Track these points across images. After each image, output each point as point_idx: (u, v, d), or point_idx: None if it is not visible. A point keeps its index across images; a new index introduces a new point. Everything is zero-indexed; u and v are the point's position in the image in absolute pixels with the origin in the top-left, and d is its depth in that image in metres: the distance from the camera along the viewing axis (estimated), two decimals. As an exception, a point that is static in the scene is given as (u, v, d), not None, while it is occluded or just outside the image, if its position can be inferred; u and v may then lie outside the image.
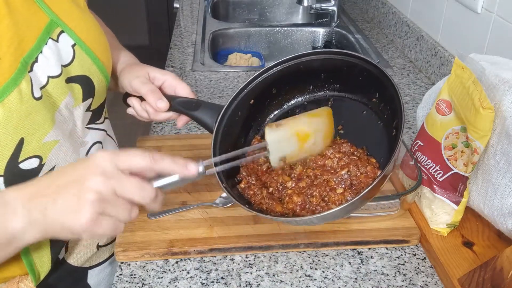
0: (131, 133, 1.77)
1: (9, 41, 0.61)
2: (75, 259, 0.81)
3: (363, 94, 0.77)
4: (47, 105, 0.65)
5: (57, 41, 0.68)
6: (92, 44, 0.73)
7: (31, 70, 0.63)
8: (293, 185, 0.72)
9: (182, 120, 0.82)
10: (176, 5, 2.01)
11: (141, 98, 0.80)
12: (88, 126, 0.76)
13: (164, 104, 0.76)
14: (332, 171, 0.72)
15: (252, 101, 0.79)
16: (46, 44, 0.66)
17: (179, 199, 0.87)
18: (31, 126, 0.61)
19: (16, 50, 0.62)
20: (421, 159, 0.84)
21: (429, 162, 0.82)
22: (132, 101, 0.81)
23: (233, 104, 0.78)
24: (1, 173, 0.59)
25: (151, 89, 0.77)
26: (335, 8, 1.81)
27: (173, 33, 1.76)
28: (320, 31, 1.84)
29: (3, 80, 0.59)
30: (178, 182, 0.59)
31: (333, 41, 1.82)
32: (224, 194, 0.87)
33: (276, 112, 0.82)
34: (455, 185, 0.78)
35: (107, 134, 0.84)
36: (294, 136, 0.72)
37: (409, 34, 1.55)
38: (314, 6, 1.80)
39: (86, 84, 0.72)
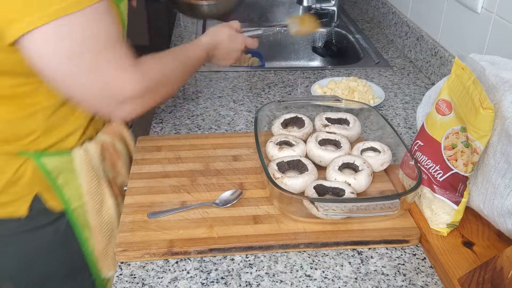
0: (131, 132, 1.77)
1: None
2: None
3: None
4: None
5: None
6: None
7: None
8: None
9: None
10: None
11: None
12: None
13: None
14: None
15: None
16: None
17: (179, 199, 0.87)
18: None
19: None
20: (421, 159, 0.84)
21: (429, 162, 0.82)
22: None
23: None
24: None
25: None
26: (335, 8, 1.82)
27: (173, 33, 1.76)
28: (320, 31, 1.84)
29: None
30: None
31: (333, 41, 1.82)
32: (224, 194, 0.87)
33: None
34: (455, 185, 0.78)
35: None
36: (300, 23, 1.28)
37: (409, 34, 1.55)
38: (314, 6, 1.80)
39: None
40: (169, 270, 0.75)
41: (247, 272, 0.75)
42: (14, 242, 0.90)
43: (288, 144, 0.98)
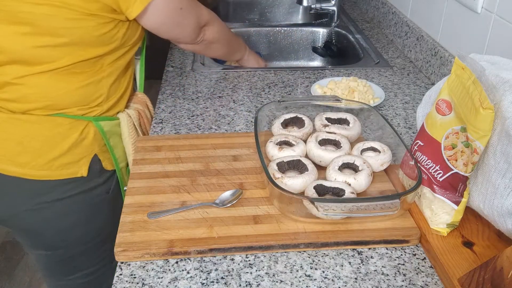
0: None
1: None
2: None
3: None
4: None
5: None
6: None
7: None
8: None
9: None
10: None
11: None
12: None
13: None
14: None
15: None
16: None
17: (179, 199, 0.87)
18: None
19: None
20: (421, 159, 0.84)
21: (429, 162, 0.82)
22: None
23: None
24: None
25: None
26: (335, 8, 1.81)
27: (173, 33, 1.75)
28: (320, 31, 1.84)
29: None
30: None
31: (333, 41, 1.82)
32: (224, 194, 0.87)
33: None
34: (455, 185, 0.78)
35: None
36: None
37: (409, 34, 1.55)
38: (314, 6, 1.80)
39: None
40: (169, 270, 0.75)
41: (247, 272, 0.75)
42: (74, 202, 1.06)
43: (288, 144, 0.98)
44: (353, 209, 0.78)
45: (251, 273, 0.75)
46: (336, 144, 0.98)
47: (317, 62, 1.87)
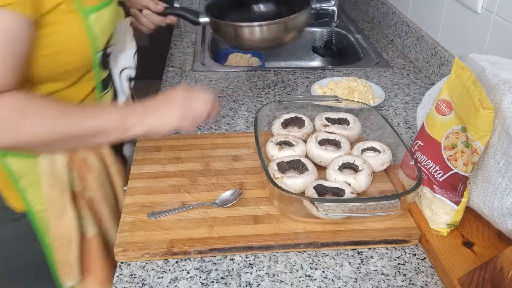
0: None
1: None
2: None
3: None
4: (118, 16, 0.90)
5: None
6: None
7: None
8: None
9: (168, 19, 1.11)
10: (176, 4, 2.01)
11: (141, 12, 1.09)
12: (133, 35, 1.01)
13: (161, 6, 1.09)
14: None
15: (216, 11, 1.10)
16: None
17: (179, 199, 0.87)
18: (114, 27, 0.87)
19: None
20: (421, 159, 0.84)
21: (429, 162, 0.82)
22: (134, 11, 1.09)
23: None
24: (101, 49, 0.85)
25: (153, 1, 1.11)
26: (335, 8, 1.81)
27: (173, 33, 1.76)
28: (320, 31, 1.84)
29: None
30: None
31: (333, 41, 1.82)
32: (224, 194, 0.87)
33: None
34: (455, 185, 0.78)
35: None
36: None
37: (409, 34, 1.55)
38: (314, 6, 1.79)
39: (125, 6, 0.97)
40: (169, 270, 0.75)
41: (247, 272, 0.75)
42: None
43: (288, 144, 0.98)
44: (353, 209, 0.78)
45: (251, 273, 0.75)
46: (336, 144, 0.98)
47: (317, 62, 1.87)
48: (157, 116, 0.83)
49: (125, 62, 1.00)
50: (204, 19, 1.08)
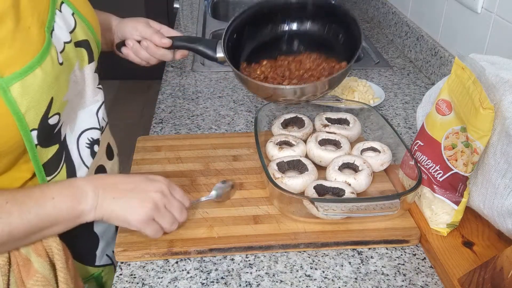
0: (131, 133, 1.77)
1: (31, 11, 0.67)
2: None
3: (313, 20, 1.05)
4: (65, 68, 0.72)
5: (60, 11, 0.75)
6: (85, 13, 0.80)
7: (51, 37, 0.70)
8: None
9: (179, 53, 1.00)
10: (176, 5, 2.01)
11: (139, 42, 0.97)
12: (98, 86, 0.84)
13: (167, 40, 0.95)
14: (313, 69, 0.98)
15: (235, 35, 1.02)
16: (55, 14, 0.73)
17: (179, 199, 0.87)
18: (58, 87, 0.69)
19: (38, 20, 0.68)
20: (421, 159, 0.84)
21: (429, 162, 0.82)
22: (131, 42, 0.96)
23: (226, 36, 0.99)
24: (35, 127, 0.66)
25: (154, 31, 0.96)
26: (335, 8, 1.80)
27: (173, 33, 1.75)
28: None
29: (38, 48, 0.66)
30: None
31: (333, 41, 1.82)
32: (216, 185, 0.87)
33: (252, 39, 1.07)
34: (455, 185, 0.78)
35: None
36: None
37: (409, 34, 1.55)
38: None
39: (89, 48, 0.80)
40: (169, 270, 0.75)
41: (247, 272, 0.75)
42: None
43: (288, 144, 0.98)
44: (353, 209, 0.78)
45: (251, 273, 0.75)
46: (336, 144, 0.98)
47: (317, 62, 1.87)
48: (124, 205, 0.70)
49: (85, 122, 0.81)
50: (220, 55, 0.97)
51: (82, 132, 0.80)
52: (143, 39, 0.95)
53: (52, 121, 0.69)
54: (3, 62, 0.61)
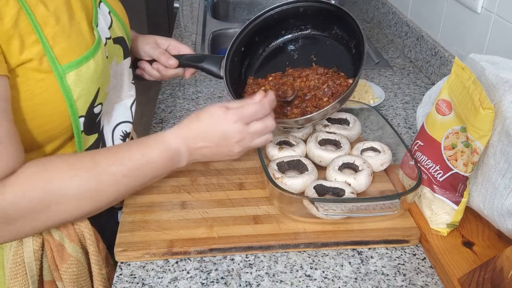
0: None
1: (80, 8, 0.73)
2: None
3: (325, 28, 1.02)
4: (108, 62, 0.78)
5: (99, 8, 0.80)
6: (119, 11, 0.86)
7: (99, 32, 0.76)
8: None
9: (188, 72, 1.01)
10: (176, 5, 2.01)
11: (150, 62, 0.98)
12: (132, 81, 0.88)
13: (174, 61, 0.96)
14: (316, 88, 0.95)
15: (243, 48, 1.01)
16: (97, 11, 0.78)
17: (179, 199, 0.87)
18: (104, 79, 0.75)
19: (86, 16, 0.74)
20: (421, 159, 0.84)
21: (429, 162, 0.82)
22: (143, 64, 0.99)
23: (230, 53, 0.97)
24: (83, 114, 0.72)
25: (161, 52, 0.97)
26: (335, 8, 1.80)
27: (173, 33, 1.76)
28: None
29: (89, 40, 0.72)
30: None
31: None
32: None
33: (261, 51, 1.06)
34: (455, 185, 0.78)
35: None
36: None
37: (409, 34, 1.55)
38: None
39: (124, 44, 0.85)
40: (169, 270, 0.75)
41: (247, 272, 0.75)
42: None
43: (288, 144, 0.98)
44: (353, 209, 0.78)
45: (251, 273, 0.75)
46: (336, 144, 0.98)
47: (317, 62, 1.87)
48: (214, 150, 0.76)
49: (120, 115, 0.86)
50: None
51: (117, 124, 0.86)
52: (153, 61, 0.98)
53: (96, 110, 0.75)
54: (61, 52, 0.67)
